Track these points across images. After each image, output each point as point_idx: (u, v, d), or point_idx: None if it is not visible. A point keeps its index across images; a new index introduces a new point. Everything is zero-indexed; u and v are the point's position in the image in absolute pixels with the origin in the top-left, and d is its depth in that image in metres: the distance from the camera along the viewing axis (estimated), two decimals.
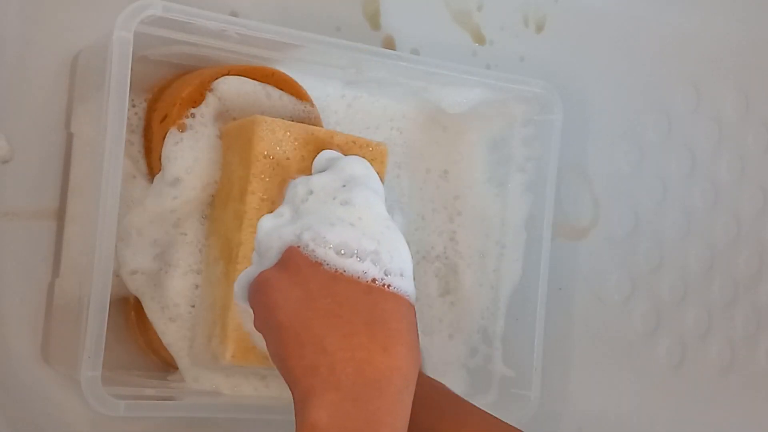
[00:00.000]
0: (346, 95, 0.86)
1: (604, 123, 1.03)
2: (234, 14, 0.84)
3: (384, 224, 0.61)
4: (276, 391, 0.79)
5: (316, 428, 0.54)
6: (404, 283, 0.59)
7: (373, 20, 0.91)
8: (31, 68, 0.77)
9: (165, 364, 0.81)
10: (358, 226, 0.60)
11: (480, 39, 0.97)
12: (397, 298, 0.58)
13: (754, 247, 1.13)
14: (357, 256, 0.58)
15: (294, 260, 0.59)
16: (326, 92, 0.85)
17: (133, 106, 0.79)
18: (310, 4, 0.88)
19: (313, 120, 0.80)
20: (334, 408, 0.54)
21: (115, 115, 0.69)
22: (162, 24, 0.72)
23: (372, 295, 0.58)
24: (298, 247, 0.59)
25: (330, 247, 0.58)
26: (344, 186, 0.62)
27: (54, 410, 0.78)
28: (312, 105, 0.81)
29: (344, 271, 0.58)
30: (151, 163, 0.78)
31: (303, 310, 0.57)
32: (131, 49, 0.70)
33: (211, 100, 0.77)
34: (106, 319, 0.69)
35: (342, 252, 0.58)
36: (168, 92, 0.79)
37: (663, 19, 1.06)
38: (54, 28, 0.78)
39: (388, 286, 0.58)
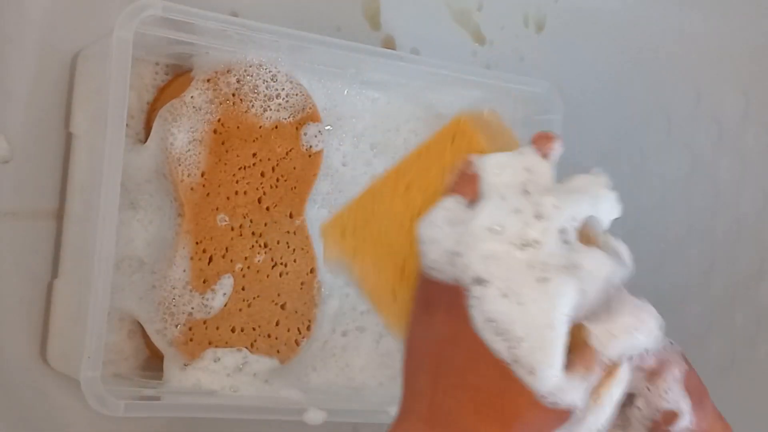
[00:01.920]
0: (358, 95, 0.86)
1: (604, 123, 1.03)
2: (234, 14, 0.84)
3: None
4: (276, 391, 0.79)
5: None
6: (534, 380, 0.55)
7: (373, 20, 0.91)
8: (31, 68, 0.77)
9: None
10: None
11: (480, 39, 0.97)
12: (525, 393, 0.55)
13: (754, 247, 1.13)
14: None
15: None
16: (336, 93, 0.85)
17: (132, 117, 0.79)
18: (310, 4, 0.88)
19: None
20: None
21: (114, 115, 0.70)
22: (162, 24, 0.72)
23: (504, 380, 0.55)
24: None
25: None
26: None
27: (54, 410, 0.78)
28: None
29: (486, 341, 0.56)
30: None
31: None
32: (131, 49, 0.70)
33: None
34: (106, 319, 0.69)
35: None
36: (168, 92, 0.79)
37: (663, 19, 1.06)
38: (54, 28, 0.78)
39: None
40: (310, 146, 0.81)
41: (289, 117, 0.80)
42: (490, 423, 0.55)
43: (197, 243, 0.77)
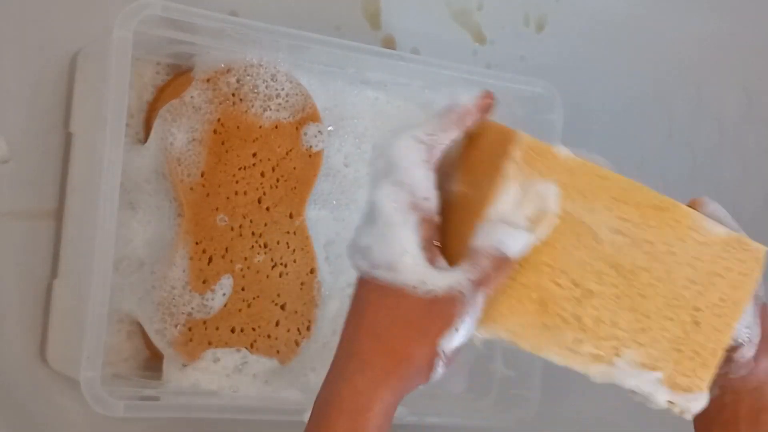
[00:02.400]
0: (358, 95, 0.86)
1: (604, 123, 1.03)
2: (234, 14, 0.84)
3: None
4: (276, 391, 0.79)
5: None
6: (395, 275, 0.58)
7: (373, 20, 0.91)
8: (31, 68, 0.77)
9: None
10: None
11: (480, 38, 0.96)
12: (385, 291, 0.58)
13: None
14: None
15: None
16: (336, 92, 0.84)
17: (131, 116, 0.79)
18: (310, 4, 0.88)
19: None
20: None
21: (114, 115, 0.69)
22: (162, 23, 0.72)
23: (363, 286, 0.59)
24: None
25: None
26: None
27: (53, 410, 0.78)
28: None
29: None
30: None
31: None
32: (131, 49, 0.69)
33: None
34: (106, 319, 0.69)
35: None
36: (167, 92, 0.79)
37: (663, 19, 1.06)
38: (54, 28, 0.78)
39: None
40: (311, 146, 0.81)
41: (289, 117, 0.80)
42: (386, 340, 0.56)
43: (197, 243, 0.77)
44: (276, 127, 0.80)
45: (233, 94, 0.78)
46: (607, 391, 1.03)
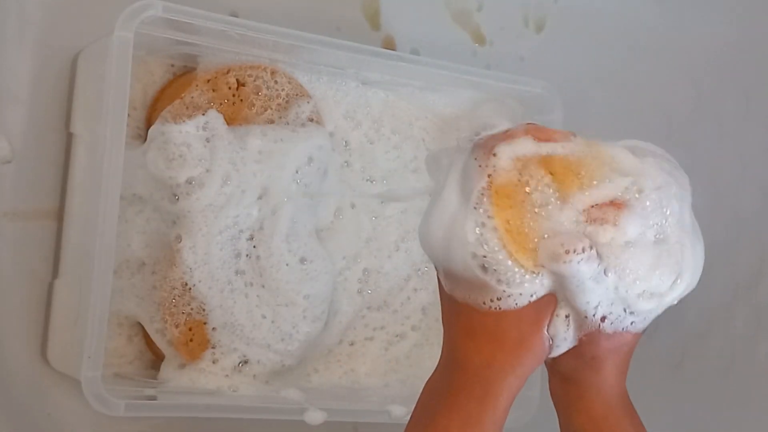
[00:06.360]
0: (362, 96, 0.86)
1: (604, 123, 1.03)
2: (234, 14, 0.84)
3: None
4: (276, 391, 0.79)
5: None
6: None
7: (373, 20, 0.91)
8: (31, 68, 0.77)
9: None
10: None
11: (480, 39, 0.97)
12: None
13: (754, 247, 1.13)
14: None
15: None
16: (337, 93, 0.85)
17: (135, 109, 0.79)
18: (310, 4, 0.88)
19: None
20: None
21: (115, 115, 0.70)
22: (162, 24, 0.72)
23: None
24: None
25: None
26: None
27: (54, 410, 0.78)
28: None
29: None
30: None
31: None
32: (131, 49, 0.70)
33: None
34: (107, 319, 0.69)
35: None
36: (168, 92, 0.79)
37: (662, 20, 1.06)
38: (55, 28, 0.78)
39: None
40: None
41: (289, 117, 0.80)
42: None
43: None
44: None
45: (233, 95, 0.78)
46: None
